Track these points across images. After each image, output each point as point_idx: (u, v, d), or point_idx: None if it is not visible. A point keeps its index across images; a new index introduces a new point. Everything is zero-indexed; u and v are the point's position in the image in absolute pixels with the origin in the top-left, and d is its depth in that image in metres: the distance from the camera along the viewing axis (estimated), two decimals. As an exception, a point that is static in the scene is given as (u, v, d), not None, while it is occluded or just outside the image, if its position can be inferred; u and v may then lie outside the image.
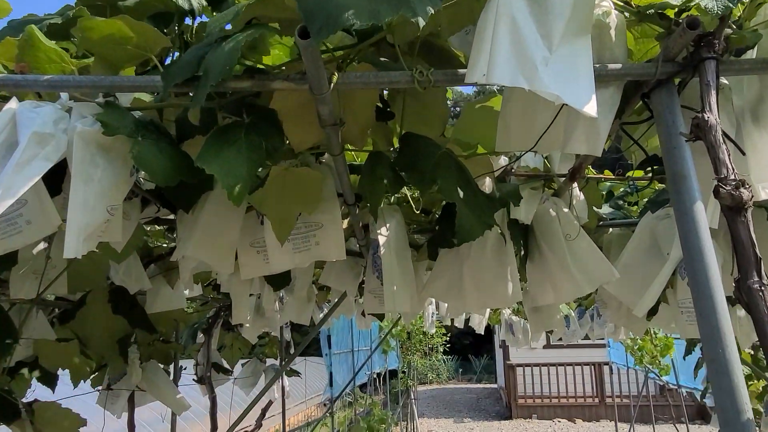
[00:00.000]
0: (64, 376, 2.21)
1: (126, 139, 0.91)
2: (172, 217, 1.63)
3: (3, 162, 0.83)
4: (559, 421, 13.45)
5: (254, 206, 1.17)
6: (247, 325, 3.45)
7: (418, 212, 1.47)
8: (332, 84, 0.84)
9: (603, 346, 14.21)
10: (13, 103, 0.86)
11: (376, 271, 1.54)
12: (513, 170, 1.50)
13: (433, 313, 5.00)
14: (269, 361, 4.27)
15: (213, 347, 3.41)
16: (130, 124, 0.88)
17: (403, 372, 11.23)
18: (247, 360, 4.06)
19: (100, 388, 2.43)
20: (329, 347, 6.35)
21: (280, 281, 1.69)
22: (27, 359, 1.98)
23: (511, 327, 4.71)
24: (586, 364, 13.93)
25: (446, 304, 4.34)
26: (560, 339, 4.79)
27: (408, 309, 1.47)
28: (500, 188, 1.41)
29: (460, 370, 28.60)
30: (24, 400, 1.90)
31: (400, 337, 9.65)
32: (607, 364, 13.01)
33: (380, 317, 3.88)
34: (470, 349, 30.05)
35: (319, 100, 0.87)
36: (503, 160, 1.49)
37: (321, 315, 4.35)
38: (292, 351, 4.55)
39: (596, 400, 13.76)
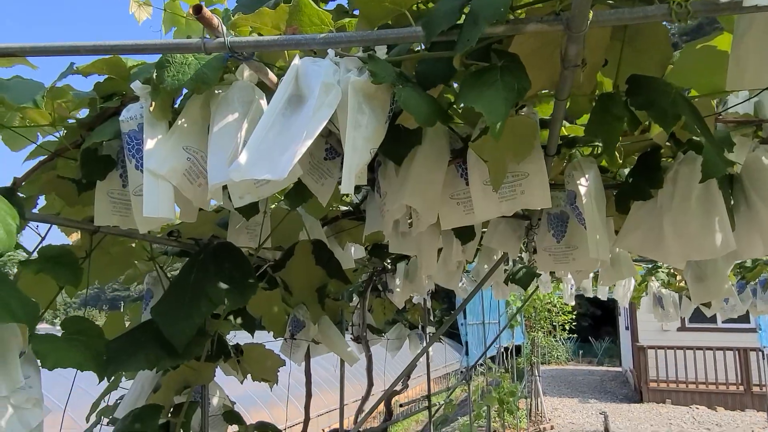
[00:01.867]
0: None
1: (385, 88, 1.01)
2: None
3: (296, 110, 0.97)
4: (697, 408, 12.56)
5: (474, 152, 1.24)
6: (398, 290, 3.63)
7: (620, 162, 1.46)
8: (588, 21, 0.87)
9: (750, 330, 13.01)
10: (296, 60, 0.99)
11: (578, 220, 1.55)
12: (720, 116, 1.44)
13: (572, 285, 4.88)
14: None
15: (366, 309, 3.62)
16: (392, 74, 0.98)
17: (528, 348, 11.09)
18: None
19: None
20: (464, 318, 6.43)
21: (467, 235, 1.77)
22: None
23: (660, 300, 4.47)
24: (729, 348, 12.82)
25: (587, 277, 4.23)
26: (714, 315, 4.46)
27: (608, 258, 1.47)
28: (711, 134, 1.36)
29: (580, 352, 27.64)
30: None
31: (527, 313, 9.53)
32: (754, 349, 11.90)
33: (525, 284, 3.88)
34: (589, 331, 28.87)
35: (573, 38, 0.90)
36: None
37: (461, 284, 4.43)
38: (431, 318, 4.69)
39: (741, 388, 12.64)
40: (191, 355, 1.43)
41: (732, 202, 1.50)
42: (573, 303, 5.28)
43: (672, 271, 4.31)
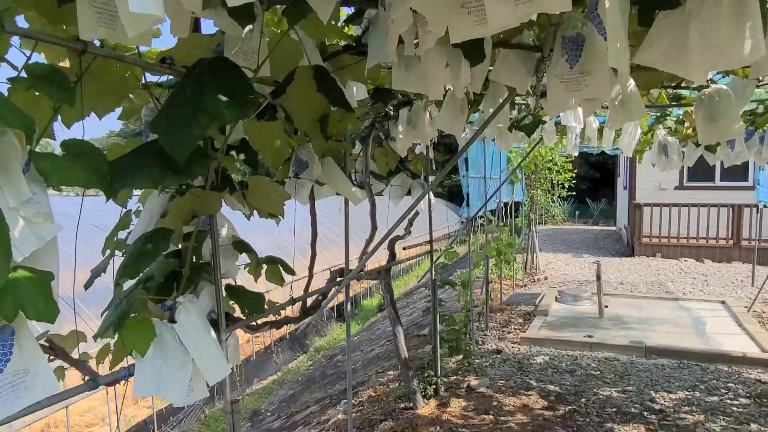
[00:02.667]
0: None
1: None
2: None
3: None
4: (685, 260, 13.17)
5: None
6: (401, 137, 3.57)
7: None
8: None
9: (747, 188, 13.19)
10: None
11: (598, 29, 1.45)
12: None
13: (576, 135, 4.82)
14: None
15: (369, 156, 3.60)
16: None
17: (527, 206, 11.34)
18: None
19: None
20: (466, 169, 6.48)
21: (476, 55, 1.67)
22: (234, 143, 2.21)
23: (665, 149, 4.43)
24: (723, 205, 13.11)
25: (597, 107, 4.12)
26: (716, 161, 4.46)
27: (627, 69, 1.39)
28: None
29: (577, 212, 28.40)
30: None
31: (527, 170, 9.58)
32: (749, 206, 12.15)
33: (529, 131, 3.82)
34: (587, 193, 29.43)
35: None
36: None
37: (463, 134, 4.37)
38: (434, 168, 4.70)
39: (730, 242, 13.13)
40: (194, 173, 1.42)
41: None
42: (576, 154, 5.26)
43: (680, 117, 4.23)
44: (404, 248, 4.50)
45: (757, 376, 5.59)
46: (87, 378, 1.79)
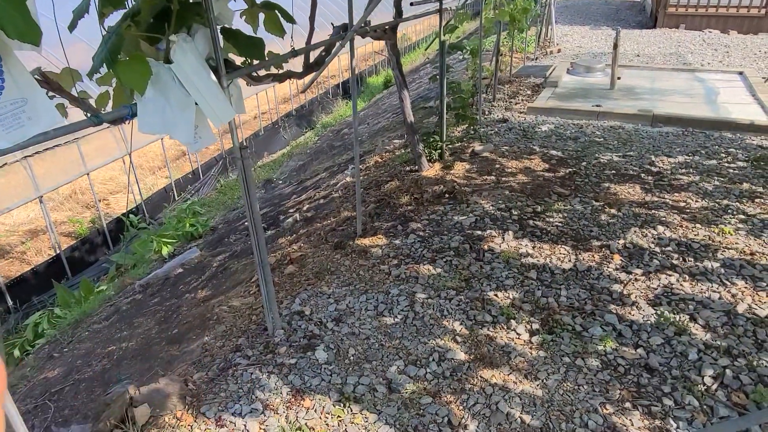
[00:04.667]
0: None
1: None
2: None
3: None
4: (710, 32, 12.41)
5: None
6: None
7: None
8: None
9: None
10: None
11: None
12: None
13: None
14: None
15: None
16: None
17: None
18: None
19: None
20: None
21: None
22: None
23: None
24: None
25: None
26: None
27: None
28: None
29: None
30: None
31: None
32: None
33: None
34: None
35: None
36: None
37: None
38: None
39: (762, 11, 12.19)
40: None
41: None
42: None
43: None
44: (411, 3, 4.16)
45: (759, 142, 5.64)
46: (90, 114, 1.77)
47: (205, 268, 4.43)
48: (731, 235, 3.73)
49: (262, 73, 2.76)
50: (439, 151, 5.06)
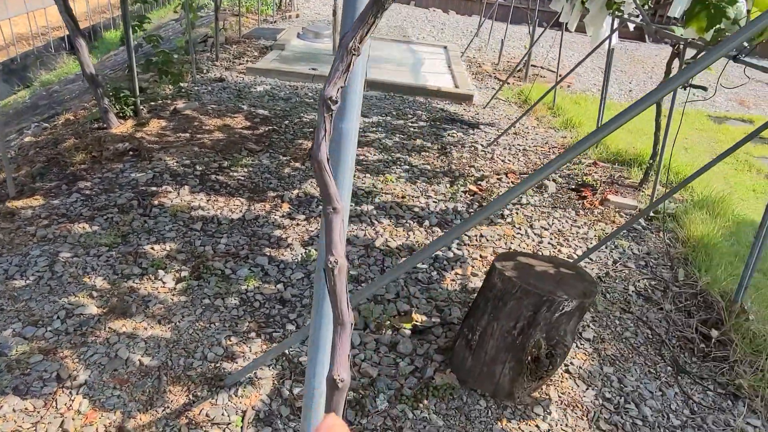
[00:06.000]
0: None
1: None
2: None
3: None
4: (434, 10, 13.87)
5: None
6: None
7: None
8: None
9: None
10: None
11: None
12: None
13: None
14: None
15: None
16: None
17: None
18: None
19: None
20: None
21: None
22: None
23: None
24: (476, -42, 13.60)
25: None
26: None
27: None
28: None
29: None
30: None
31: None
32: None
33: None
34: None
35: None
36: None
37: None
38: None
39: (474, -5, 14.03)
40: None
41: None
42: None
43: None
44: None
45: (443, 106, 6.55)
46: None
47: None
48: (392, 182, 4.28)
49: None
50: (133, 107, 4.78)
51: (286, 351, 2.46)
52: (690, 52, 3.85)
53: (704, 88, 3.59)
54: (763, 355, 2.74)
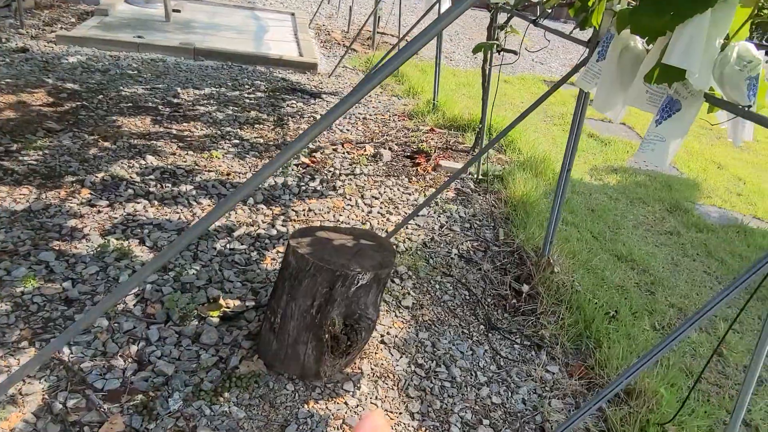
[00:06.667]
0: None
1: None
2: None
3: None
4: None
5: None
6: None
7: None
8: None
9: None
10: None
11: None
12: None
13: None
14: None
15: None
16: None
17: None
18: None
19: None
20: None
21: None
22: None
23: None
24: None
25: None
26: None
27: None
28: None
29: None
30: None
31: None
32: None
33: None
34: None
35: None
36: None
37: None
38: None
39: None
40: None
41: None
42: None
43: None
44: None
45: (285, 75, 6.28)
46: None
47: None
48: (218, 159, 3.99)
49: None
50: None
51: (65, 358, 2.16)
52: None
53: (515, 52, 3.72)
54: (563, 305, 2.93)
